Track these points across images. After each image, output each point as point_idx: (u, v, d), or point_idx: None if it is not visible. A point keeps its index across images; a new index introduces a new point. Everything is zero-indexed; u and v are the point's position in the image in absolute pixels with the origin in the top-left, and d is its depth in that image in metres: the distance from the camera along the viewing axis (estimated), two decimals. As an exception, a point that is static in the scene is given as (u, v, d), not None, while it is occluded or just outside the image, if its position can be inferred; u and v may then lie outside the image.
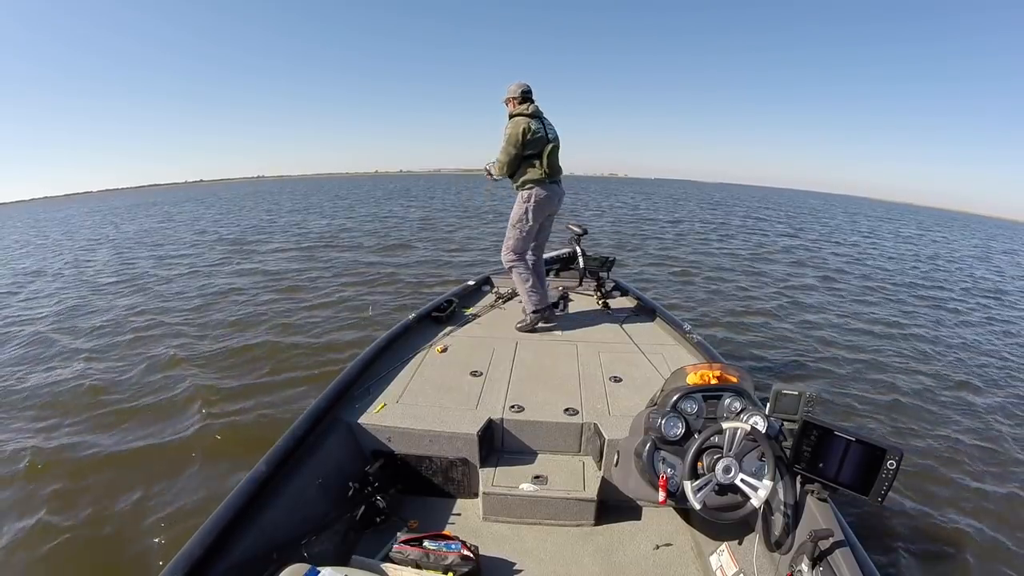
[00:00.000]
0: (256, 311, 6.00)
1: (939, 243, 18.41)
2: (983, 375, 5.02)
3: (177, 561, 1.18)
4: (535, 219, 2.89)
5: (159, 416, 3.50)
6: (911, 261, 12.25)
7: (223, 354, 4.59)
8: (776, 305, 6.91)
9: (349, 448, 1.89)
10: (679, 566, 1.65)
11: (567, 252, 3.89)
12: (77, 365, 4.46)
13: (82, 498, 2.68)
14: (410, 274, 7.93)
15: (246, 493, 1.44)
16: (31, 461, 2.99)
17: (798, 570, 1.12)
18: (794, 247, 12.94)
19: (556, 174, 2.83)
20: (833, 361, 4.92)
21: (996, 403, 4.38)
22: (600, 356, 2.55)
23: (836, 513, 1.18)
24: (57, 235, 16.70)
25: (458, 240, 11.68)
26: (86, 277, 8.69)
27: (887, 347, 5.53)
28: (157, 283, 7.77)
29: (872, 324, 6.31)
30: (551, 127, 2.82)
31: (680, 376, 1.60)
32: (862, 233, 18.67)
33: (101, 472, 2.90)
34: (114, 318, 5.97)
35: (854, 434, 1.04)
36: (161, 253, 10.83)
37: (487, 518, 1.83)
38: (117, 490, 2.72)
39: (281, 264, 8.95)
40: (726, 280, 8.31)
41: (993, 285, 10.13)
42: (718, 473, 1.28)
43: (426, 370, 2.37)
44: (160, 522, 2.46)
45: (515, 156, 2.77)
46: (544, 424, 1.99)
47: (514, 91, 2.79)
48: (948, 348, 5.72)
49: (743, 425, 1.28)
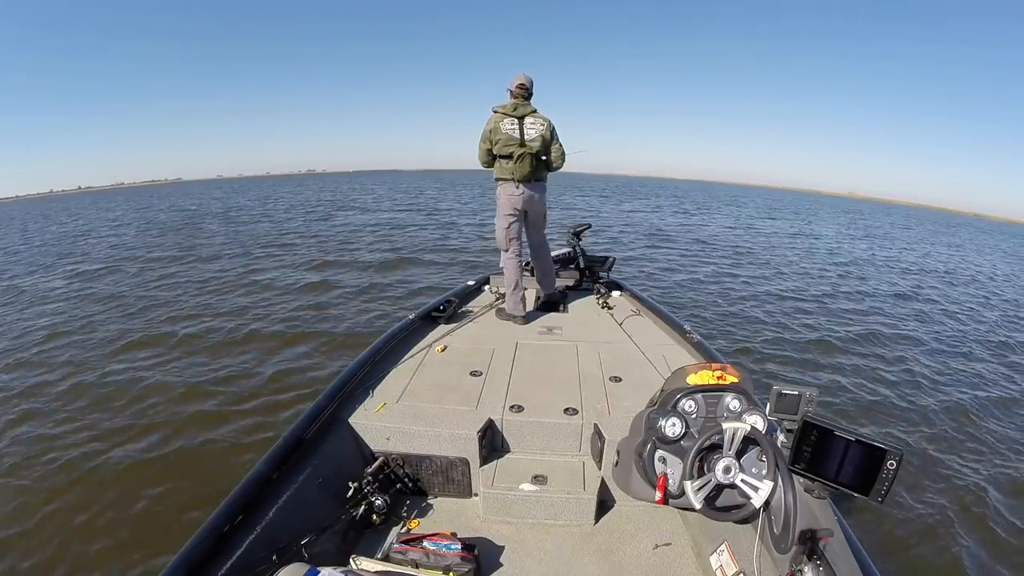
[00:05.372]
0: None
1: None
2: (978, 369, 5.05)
3: (177, 561, 1.18)
4: (502, 215, 2.94)
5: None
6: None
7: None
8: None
9: (349, 448, 1.89)
10: (679, 566, 1.65)
11: (567, 251, 3.89)
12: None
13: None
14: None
15: (246, 493, 1.44)
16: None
17: (798, 570, 1.12)
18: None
19: (527, 177, 2.82)
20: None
21: (997, 402, 4.40)
22: (600, 356, 2.55)
23: (836, 513, 1.18)
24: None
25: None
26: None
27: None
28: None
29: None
30: (534, 128, 2.79)
31: (680, 376, 1.60)
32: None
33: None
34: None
35: (854, 434, 1.04)
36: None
37: (487, 518, 1.83)
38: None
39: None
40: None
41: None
42: (718, 473, 1.28)
43: (426, 370, 2.36)
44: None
45: (485, 151, 2.85)
46: (544, 424, 1.99)
47: (511, 83, 2.81)
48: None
49: (743, 425, 1.27)
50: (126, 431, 3.48)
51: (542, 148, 2.82)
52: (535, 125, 2.79)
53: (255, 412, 3.68)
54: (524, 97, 2.81)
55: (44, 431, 3.51)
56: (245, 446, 3.24)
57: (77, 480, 2.96)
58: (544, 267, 3.25)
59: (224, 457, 3.15)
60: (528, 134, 2.78)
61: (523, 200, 2.88)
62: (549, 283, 3.30)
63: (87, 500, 2.78)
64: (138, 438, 3.39)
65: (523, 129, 2.77)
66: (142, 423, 3.58)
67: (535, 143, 2.78)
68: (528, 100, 2.83)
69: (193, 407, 3.77)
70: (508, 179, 2.83)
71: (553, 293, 3.35)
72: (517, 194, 2.86)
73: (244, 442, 3.29)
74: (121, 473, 3.02)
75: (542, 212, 3.08)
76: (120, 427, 3.54)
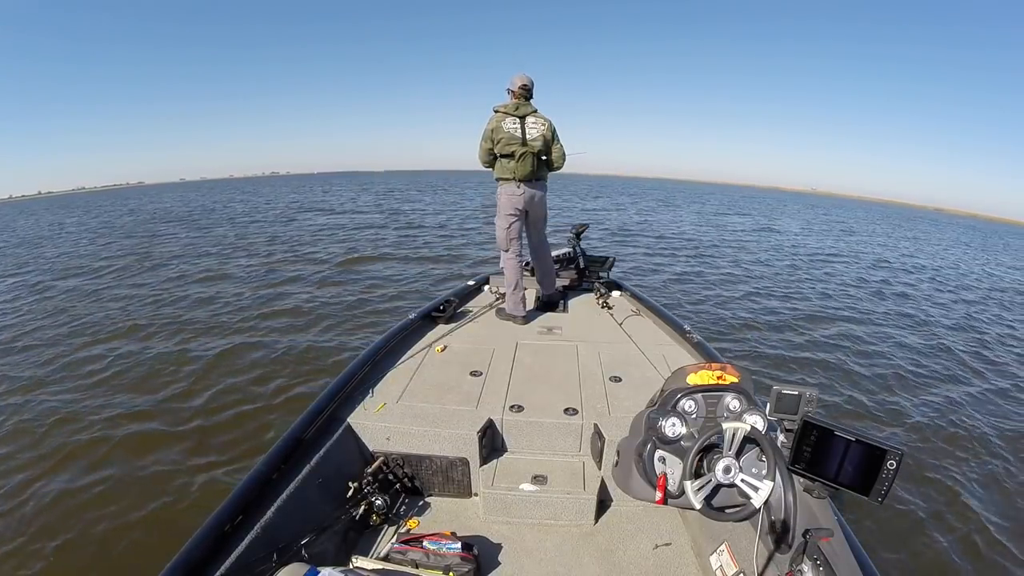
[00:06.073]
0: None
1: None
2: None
3: (177, 561, 1.18)
4: (503, 215, 2.94)
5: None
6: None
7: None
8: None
9: (349, 448, 1.89)
10: (679, 566, 1.65)
11: (567, 251, 3.89)
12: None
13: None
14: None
15: (246, 493, 1.44)
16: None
17: (798, 569, 1.12)
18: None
19: (528, 177, 2.83)
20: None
21: (998, 399, 4.40)
22: (600, 356, 2.55)
23: (836, 513, 1.18)
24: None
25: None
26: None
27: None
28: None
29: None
30: (535, 128, 2.80)
31: (680, 376, 1.59)
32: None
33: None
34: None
35: (854, 434, 1.04)
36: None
37: (487, 518, 1.83)
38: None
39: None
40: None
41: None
42: (718, 473, 1.27)
43: (426, 370, 2.36)
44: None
45: (486, 151, 2.85)
46: (544, 424, 1.99)
47: (512, 83, 2.81)
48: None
49: (743, 425, 1.27)
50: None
51: (543, 147, 2.82)
52: (536, 125, 2.79)
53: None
54: (525, 97, 2.81)
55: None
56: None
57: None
58: (544, 267, 3.25)
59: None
60: (530, 133, 2.78)
61: (524, 200, 2.89)
62: (549, 283, 3.30)
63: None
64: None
65: (525, 128, 2.77)
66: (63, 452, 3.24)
67: (536, 142, 2.79)
68: (529, 100, 2.83)
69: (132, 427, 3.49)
70: (509, 179, 2.83)
71: (553, 293, 3.35)
72: (518, 194, 2.86)
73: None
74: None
75: (542, 212, 3.08)
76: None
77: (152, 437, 3.40)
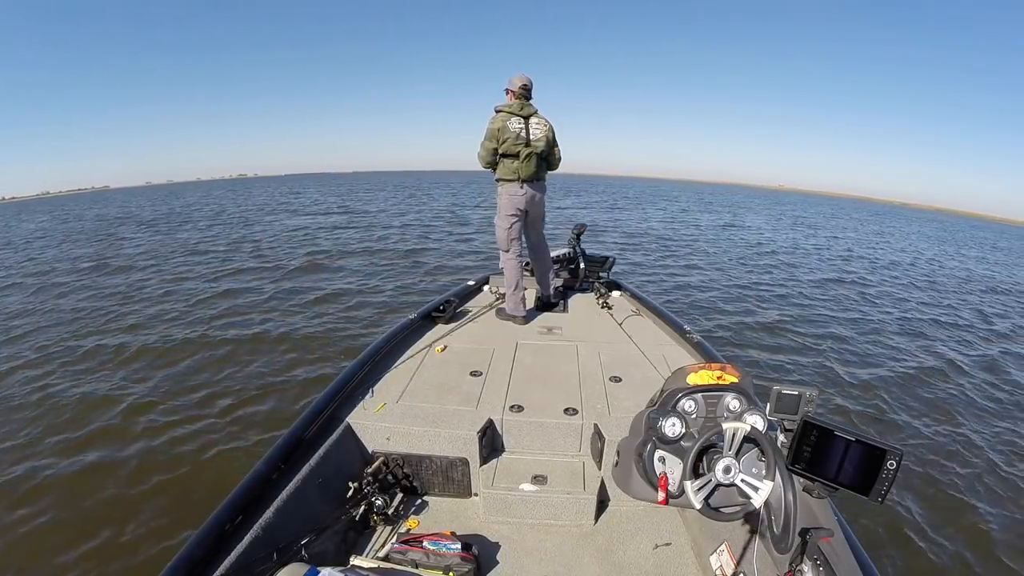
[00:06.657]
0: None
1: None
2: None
3: (177, 561, 1.18)
4: (504, 215, 2.93)
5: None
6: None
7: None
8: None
9: (349, 448, 1.89)
10: (679, 566, 1.65)
11: (567, 251, 3.89)
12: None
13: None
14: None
15: (246, 493, 1.44)
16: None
17: (798, 569, 1.12)
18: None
19: (531, 177, 2.84)
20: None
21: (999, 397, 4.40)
22: (600, 356, 2.55)
23: (836, 513, 1.18)
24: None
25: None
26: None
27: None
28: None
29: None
30: (539, 129, 2.80)
31: (680, 376, 1.59)
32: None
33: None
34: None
35: (854, 434, 1.04)
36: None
37: (487, 518, 1.83)
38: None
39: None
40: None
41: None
42: (718, 473, 1.27)
43: (426, 370, 2.36)
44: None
45: (491, 151, 2.82)
46: (544, 424, 1.99)
47: (512, 84, 2.81)
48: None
49: (743, 425, 1.27)
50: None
51: (546, 148, 2.83)
52: (540, 126, 2.80)
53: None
54: (525, 97, 2.81)
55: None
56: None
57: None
58: (544, 267, 3.25)
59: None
60: (534, 134, 2.79)
61: (526, 200, 2.89)
62: (549, 283, 3.30)
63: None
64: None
65: (529, 129, 2.77)
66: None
67: (540, 143, 2.80)
68: (529, 100, 2.83)
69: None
70: (511, 179, 2.83)
71: (553, 293, 3.35)
72: (520, 194, 2.86)
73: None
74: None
75: (542, 212, 3.08)
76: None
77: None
